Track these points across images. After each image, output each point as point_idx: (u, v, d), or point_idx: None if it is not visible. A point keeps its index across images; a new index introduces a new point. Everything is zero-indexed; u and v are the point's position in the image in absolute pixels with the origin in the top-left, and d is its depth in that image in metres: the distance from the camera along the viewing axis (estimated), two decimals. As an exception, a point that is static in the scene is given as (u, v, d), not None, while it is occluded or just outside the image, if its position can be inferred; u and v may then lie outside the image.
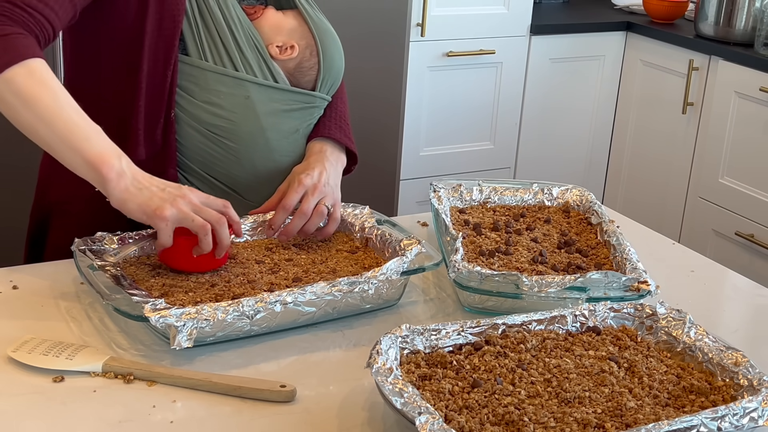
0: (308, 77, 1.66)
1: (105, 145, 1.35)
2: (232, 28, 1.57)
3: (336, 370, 1.27)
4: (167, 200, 1.34)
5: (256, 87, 1.58)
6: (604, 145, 3.83)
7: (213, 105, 1.57)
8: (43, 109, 1.33)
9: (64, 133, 1.34)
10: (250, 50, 1.59)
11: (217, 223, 1.36)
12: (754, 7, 3.31)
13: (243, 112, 1.58)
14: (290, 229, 1.53)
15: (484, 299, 1.41)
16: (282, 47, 1.63)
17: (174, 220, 1.34)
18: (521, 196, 1.75)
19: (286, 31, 1.64)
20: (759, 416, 1.09)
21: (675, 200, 3.54)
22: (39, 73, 1.34)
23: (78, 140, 1.34)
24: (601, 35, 3.66)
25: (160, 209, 1.33)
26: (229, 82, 1.57)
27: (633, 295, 1.39)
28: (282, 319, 1.32)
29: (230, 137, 1.59)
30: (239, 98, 1.58)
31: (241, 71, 1.57)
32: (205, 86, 1.56)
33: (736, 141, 3.25)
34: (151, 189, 1.34)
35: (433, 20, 3.27)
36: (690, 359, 1.25)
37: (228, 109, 1.57)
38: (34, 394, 1.17)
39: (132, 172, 1.35)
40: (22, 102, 1.33)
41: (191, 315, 1.23)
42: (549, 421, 1.09)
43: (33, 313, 1.36)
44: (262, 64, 1.60)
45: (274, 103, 1.61)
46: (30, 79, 1.33)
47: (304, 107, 1.66)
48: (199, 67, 1.56)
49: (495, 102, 3.54)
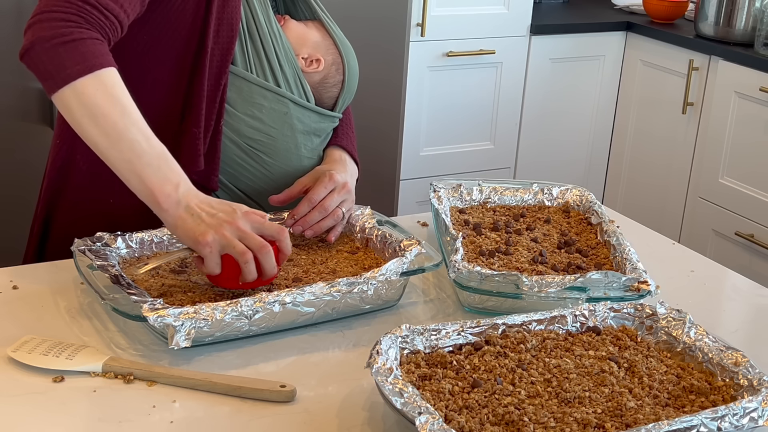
0: (331, 93, 1.66)
1: (167, 173, 1.31)
2: (274, 42, 1.56)
3: (336, 370, 1.27)
4: (212, 226, 1.30)
5: (293, 104, 1.58)
6: (604, 145, 3.83)
7: (254, 118, 1.56)
8: (110, 127, 1.29)
9: (128, 154, 1.30)
10: (288, 65, 1.58)
11: (259, 252, 1.31)
12: (754, 7, 3.31)
13: (281, 128, 1.58)
14: (306, 221, 1.52)
15: (484, 299, 1.41)
16: (307, 59, 1.62)
17: (217, 246, 1.30)
18: (521, 196, 1.75)
19: (311, 44, 1.63)
20: (759, 416, 1.09)
21: (675, 200, 3.54)
22: (110, 86, 1.30)
23: (141, 165, 1.30)
24: (601, 35, 3.66)
25: (203, 235, 1.29)
26: (271, 96, 1.56)
27: (633, 295, 1.39)
28: (281, 320, 1.32)
29: (267, 152, 1.58)
30: (279, 114, 1.57)
31: (282, 87, 1.57)
32: (248, 98, 1.55)
33: (736, 141, 3.25)
34: (200, 215, 1.31)
35: (433, 20, 3.27)
36: (690, 359, 1.25)
37: (268, 123, 1.57)
38: (34, 394, 1.17)
39: (187, 200, 1.31)
40: (90, 115, 1.29)
41: (189, 315, 1.23)
42: (549, 421, 1.09)
43: (33, 313, 1.36)
44: (297, 80, 1.59)
45: (307, 121, 1.61)
46: (100, 91, 1.29)
47: (328, 126, 1.67)
48: (245, 78, 1.54)
49: (495, 102, 3.54)
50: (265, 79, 1.56)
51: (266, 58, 1.55)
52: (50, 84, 1.30)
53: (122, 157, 1.30)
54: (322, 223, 1.53)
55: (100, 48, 1.31)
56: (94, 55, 1.30)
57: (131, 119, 1.30)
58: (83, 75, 1.28)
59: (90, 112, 1.29)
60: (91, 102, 1.29)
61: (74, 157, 1.56)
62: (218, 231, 1.30)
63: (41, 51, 1.29)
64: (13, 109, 2.43)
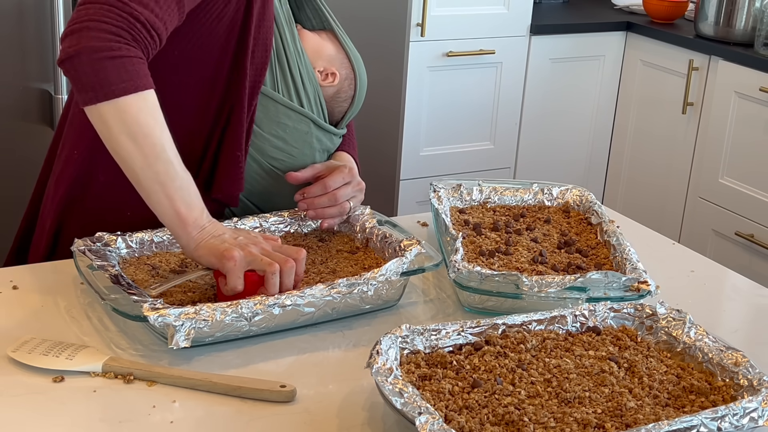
0: (341, 108, 1.65)
1: (195, 199, 1.33)
2: (299, 61, 1.55)
3: (336, 370, 1.27)
4: (237, 245, 1.32)
5: (313, 124, 1.58)
6: (604, 145, 3.83)
7: (278, 138, 1.55)
8: (149, 147, 1.29)
9: (161, 176, 1.30)
10: (309, 84, 1.57)
11: (284, 265, 1.31)
12: (754, 7, 3.31)
13: (302, 147, 1.58)
14: (314, 203, 1.53)
15: (484, 299, 1.41)
16: (323, 73, 1.60)
17: (242, 261, 1.30)
18: (521, 196, 1.75)
19: (326, 57, 1.61)
20: (759, 416, 1.09)
21: (675, 200, 3.54)
22: (152, 107, 1.30)
23: (173, 188, 1.30)
24: (601, 35, 3.66)
25: (228, 251, 1.30)
26: (295, 116, 1.55)
27: (633, 295, 1.39)
28: (281, 320, 1.32)
29: (286, 170, 1.57)
30: (301, 133, 1.56)
31: (305, 106, 1.56)
32: (274, 118, 1.54)
33: (736, 141, 3.26)
34: (224, 236, 1.33)
35: (433, 20, 3.27)
36: (690, 359, 1.25)
37: (290, 143, 1.56)
38: (34, 394, 1.17)
39: (211, 227, 1.34)
40: (129, 133, 1.28)
41: (190, 315, 1.23)
42: (549, 421, 1.09)
43: (33, 313, 1.36)
44: (317, 98, 1.58)
45: (324, 140, 1.61)
46: (143, 112, 1.29)
47: (337, 143, 1.66)
48: (272, 98, 1.53)
49: (495, 102, 3.54)
50: (290, 99, 1.54)
51: (291, 78, 1.54)
52: (90, 96, 1.29)
53: (156, 179, 1.30)
54: (328, 210, 1.54)
55: (144, 68, 1.31)
56: (139, 75, 1.29)
57: (168, 141, 1.31)
58: (128, 93, 1.27)
59: (130, 130, 1.28)
60: (133, 121, 1.28)
61: (94, 170, 1.53)
62: (243, 248, 1.32)
63: (87, 62, 1.27)
64: (13, 109, 2.42)
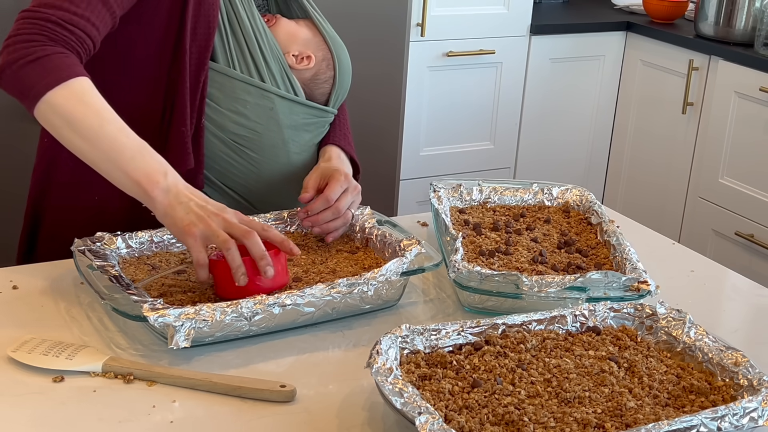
0: (322, 90, 1.67)
1: (151, 163, 1.33)
2: (258, 38, 1.57)
3: (336, 370, 1.27)
4: (200, 217, 1.31)
5: (279, 99, 1.59)
6: (604, 145, 3.83)
7: (238, 114, 1.56)
8: (87, 130, 1.33)
9: (109, 153, 1.33)
10: (273, 61, 1.59)
11: (243, 236, 1.31)
12: (754, 7, 3.31)
13: (267, 123, 1.59)
14: (318, 219, 1.52)
15: (484, 299, 1.41)
16: (298, 56, 1.63)
17: (202, 236, 1.31)
18: (521, 196, 1.75)
19: (301, 41, 1.64)
20: (759, 416, 1.09)
21: (675, 200, 3.54)
22: (81, 93, 1.34)
23: (123, 160, 1.33)
24: (601, 35, 3.66)
25: (189, 225, 1.30)
26: (255, 92, 1.56)
27: (633, 295, 1.39)
28: (281, 320, 1.31)
29: (253, 147, 1.59)
30: (264, 109, 1.58)
31: (267, 82, 1.57)
32: (231, 95, 1.56)
33: (736, 141, 3.25)
34: (189, 204, 1.32)
35: (433, 20, 3.27)
36: (690, 359, 1.25)
37: (253, 119, 1.57)
38: (34, 394, 1.17)
39: (177, 189, 1.33)
40: (67, 123, 1.33)
41: (189, 315, 1.23)
42: (549, 421, 1.09)
43: (33, 313, 1.36)
44: (284, 75, 1.60)
45: (295, 116, 1.62)
46: (72, 99, 1.33)
47: (319, 121, 1.67)
48: (227, 74, 1.55)
49: (495, 102, 3.54)
50: (249, 74, 1.56)
51: (250, 54, 1.56)
52: (27, 103, 1.34)
53: (105, 157, 1.33)
54: (332, 223, 1.54)
55: (65, 60, 1.35)
56: (60, 68, 1.34)
57: (106, 119, 1.34)
58: (52, 87, 1.32)
59: (66, 120, 1.33)
60: (65, 110, 1.33)
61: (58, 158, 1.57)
62: (204, 221, 1.31)
63: (11, 74, 1.34)
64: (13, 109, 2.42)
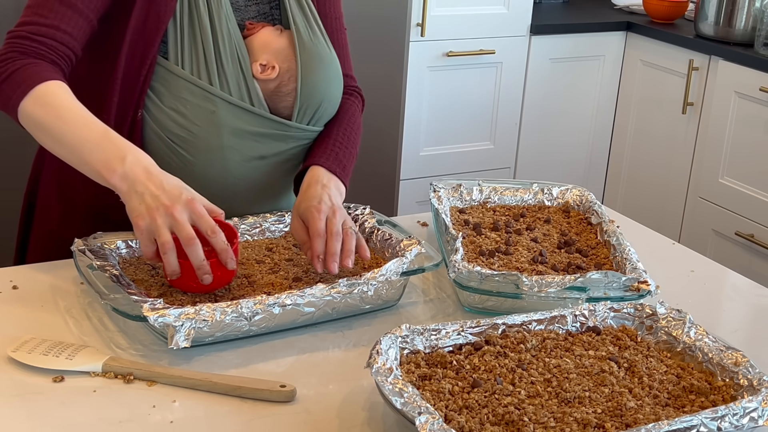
0: (285, 103, 1.59)
1: (109, 150, 1.35)
2: (218, 39, 1.53)
3: (336, 370, 1.27)
4: (149, 209, 1.31)
5: (224, 103, 1.53)
6: (604, 145, 3.83)
7: (178, 113, 1.53)
8: (52, 130, 1.39)
9: (73, 149, 1.38)
10: (231, 65, 1.54)
11: (185, 244, 1.30)
12: (754, 7, 3.31)
13: (205, 126, 1.54)
14: (332, 252, 1.41)
15: (484, 299, 1.41)
16: (265, 66, 1.57)
17: (147, 230, 1.31)
18: (521, 196, 1.75)
19: (272, 51, 1.58)
20: (759, 416, 1.09)
21: (675, 200, 3.54)
22: (44, 97, 1.39)
23: (85, 152, 1.36)
24: (601, 35, 3.66)
25: (137, 218, 1.31)
26: (198, 92, 1.52)
27: (633, 295, 1.39)
28: (281, 320, 1.31)
29: (188, 149, 1.54)
30: (205, 111, 1.53)
31: (215, 85, 1.53)
32: (175, 92, 1.53)
33: (736, 141, 3.25)
34: (144, 194, 1.32)
35: (433, 20, 3.27)
36: (690, 359, 1.25)
37: (191, 119, 1.53)
38: (34, 394, 1.17)
39: (134, 173, 1.33)
40: (37, 129, 1.41)
41: (190, 315, 1.23)
42: (549, 421, 1.09)
43: (33, 313, 1.36)
44: (241, 81, 1.55)
45: (241, 123, 1.55)
46: (37, 105, 1.39)
47: (276, 135, 1.58)
48: (172, 72, 1.52)
49: (495, 102, 3.54)
50: (198, 75, 1.53)
51: (204, 56, 1.53)
52: (13, 117, 1.42)
53: (71, 153, 1.39)
54: (347, 245, 1.43)
55: (33, 69, 1.41)
56: (28, 77, 1.40)
57: (69, 116, 1.39)
58: (22, 98, 1.39)
59: (36, 126, 1.40)
60: (33, 117, 1.40)
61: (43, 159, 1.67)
62: (151, 215, 1.31)
63: None
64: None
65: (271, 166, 1.61)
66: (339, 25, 1.72)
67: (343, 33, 1.72)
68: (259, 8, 1.62)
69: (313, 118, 1.61)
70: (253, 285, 1.40)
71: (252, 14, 1.61)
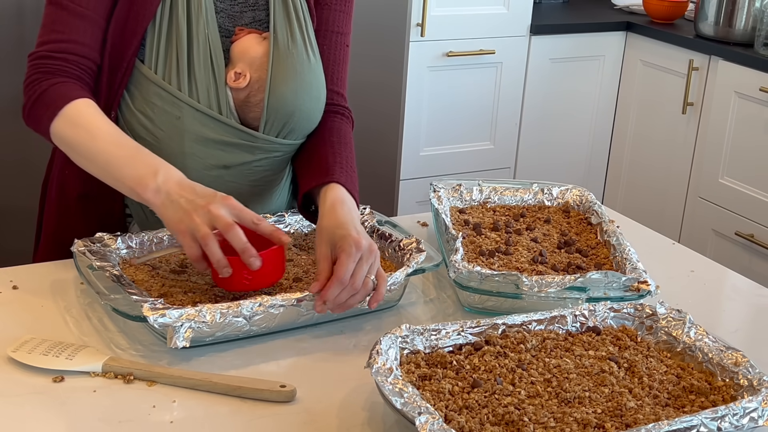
0: (254, 113, 1.55)
1: (140, 167, 1.37)
2: (192, 45, 1.51)
3: (336, 370, 1.27)
4: (187, 212, 1.32)
5: (190, 109, 1.51)
6: (604, 146, 3.83)
7: (146, 116, 1.52)
8: (84, 150, 1.42)
9: (104, 166, 1.41)
10: (203, 72, 1.51)
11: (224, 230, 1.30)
12: (754, 7, 3.31)
13: (170, 131, 1.52)
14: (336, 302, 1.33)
15: (484, 299, 1.41)
16: (239, 74, 1.53)
17: (189, 232, 1.31)
18: (521, 196, 1.75)
19: (248, 59, 1.54)
20: (759, 416, 1.09)
21: (675, 200, 3.54)
22: (74, 117, 1.43)
23: (117, 170, 1.39)
24: (601, 35, 3.66)
25: (177, 224, 1.32)
26: (166, 97, 1.51)
27: (633, 295, 1.39)
28: (281, 320, 1.32)
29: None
30: (170, 116, 1.51)
31: (183, 91, 1.50)
32: (145, 96, 1.52)
33: (736, 141, 3.25)
34: (179, 201, 1.33)
35: (433, 20, 3.27)
36: (690, 359, 1.25)
37: (157, 124, 1.52)
38: (34, 394, 1.17)
39: (167, 186, 1.34)
40: (69, 148, 1.44)
41: (190, 316, 1.23)
42: (549, 421, 1.09)
43: (33, 313, 1.36)
44: (211, 89, 1.52)
45: (206, 131, 1.52)
46: (68, 126, 1.43)
47: (242, 145, 1.55)
48: (145, 75, 1.51)
49: (495, 102, 3.54)
50: (168, 80, 1.51)
51: (176, 61, 1.50)
52: (45, 138, 1.47)
53: (103, 171, 1.42)
54: (352, 300, 1.34)
55: (61, 89, 1.44)
56: (57, 97, 1.44)
57: (99, 134, 1.42)
58: (52, 119, 1.43)
59: (68, 146, 1.44)
60: (64, 138, 1.44)
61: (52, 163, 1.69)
62: (189, 216, 1.31)
63: (26, 118, 1.49)
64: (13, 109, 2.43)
65: (236, 176, 1.57)
66: (341, 41, 1.66)
67: (343, 50, 1.67)
68: (254, 14, 1.58)
69: (282, 131, 1.56)
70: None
71: (246, 20, 1.58)
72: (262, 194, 1.64)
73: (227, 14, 1.55)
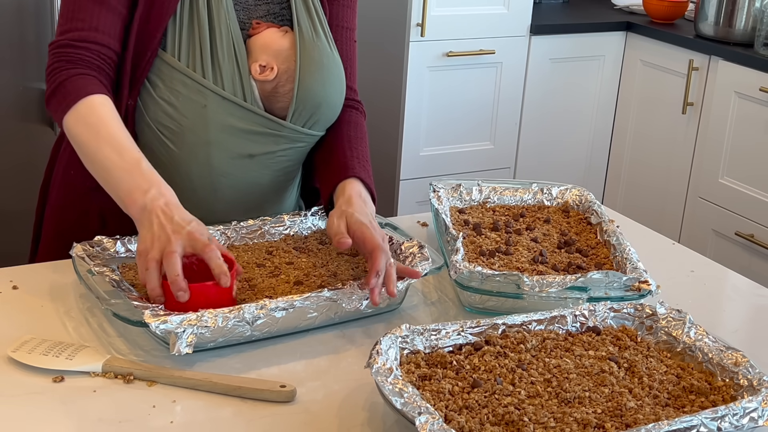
0: (282, 104, 1.57)
1: (134, 181, 1.38)
2: (215, 35, 1.53)
3: (336, 370, 1.27)
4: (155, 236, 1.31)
5: (215, 97, 1.53)
6: (604, 146, 3.83)
7: (170, 105, 1.53)
8: (87, 150, 1.43)
9: (104, 172, 1.42)
10: (228, 61, 1.53)
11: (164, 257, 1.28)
12: (754, 7, 3.31)
13: (194, 119, 1.53)
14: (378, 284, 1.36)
15: (484, 299, 1.41)
16: (264, 67, 1.56)
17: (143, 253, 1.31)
18: (521, 196, 1.75)
19: (272, 52, 1.56)
20: (759, 416, 1.09)
21: (675, 200, 3.54)
22: (85, 114, 1.43)
23: (114, 178, 1.40)
24: (601, 35, 3.66)
25: (140, 243, 1.32)
26: (191, 85, 1.52)
27: (633, 294, 1.39)
28: (283, 324, 1.31)
29: (175, 141, 1.54)
30: (196, 105, 1.53)
31: (208, 79, 1.52)
32: (168, 84, 1.53)
33: (736, 141, 3.26)
34: (153, 224, 1.33)
35: (433, 20, 3.27)
36: (690, 359, 1.25)
37: (181, 112, 1.53)
38: (34, 394, 1.17)
39: (153, 206, 1.34)
40: (77, 146, 1.45)
41: (191, 321, 1.22)
42: (549, 421, 1.09)
43: (33, 313, 1.36)
44: (236, 78, 1.54)
45: (231, 119, 1.54)
46: (78, 123, 1.43)
47: (268, 134, 1.57)
48: (168, 63, 1.52)
49: (495, 102, 3.54)
50: (193, 69, 1.52)
51: (200, 50, 1.52)
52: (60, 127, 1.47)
53: (101, 175, 1.43)
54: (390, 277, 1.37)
55: (78, 82, 1.45)
56: (70, 92, 1.44)
57: (104, 138, 1.42)
58: (66, 112, 1.44)
59: (75, 143, 1.45)
60: (74, 135, 1.44)
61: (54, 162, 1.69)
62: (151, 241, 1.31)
63: (47, 106, 1.48)
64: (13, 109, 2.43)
65: (259, 165, 1.60)
66: (349, 36, 1.70)
67: (352, 45, 1.71)
68: (269, 8, 1.61)
69: (309, 121, 1.59)
70: (254, 289, 1.40)
71: (261, 13, 1.61)
72: (280, 186, 1.66)
73: (243, 6, 1.59)
